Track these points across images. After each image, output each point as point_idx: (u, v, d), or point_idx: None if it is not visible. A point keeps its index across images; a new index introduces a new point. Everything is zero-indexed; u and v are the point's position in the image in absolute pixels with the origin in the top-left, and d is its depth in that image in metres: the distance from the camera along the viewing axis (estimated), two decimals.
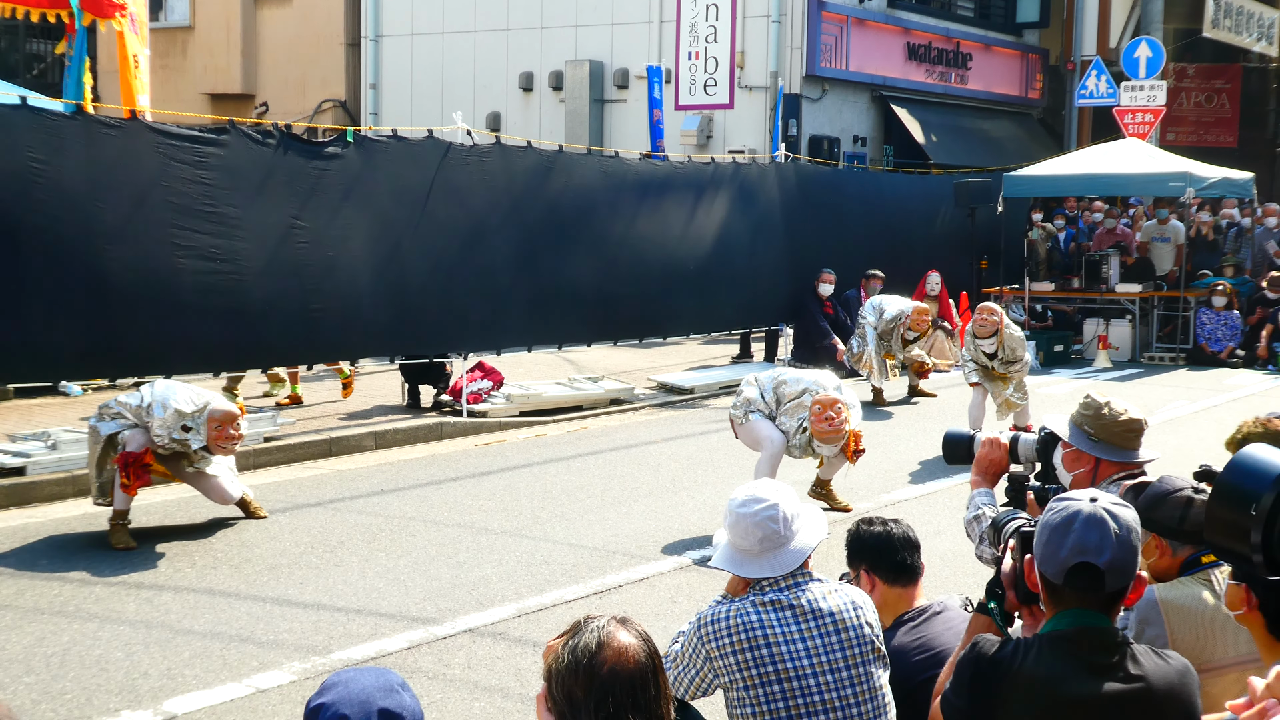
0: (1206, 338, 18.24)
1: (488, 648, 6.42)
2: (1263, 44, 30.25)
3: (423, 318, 12.24)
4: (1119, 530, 2.83)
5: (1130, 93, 22.28)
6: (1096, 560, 2.80)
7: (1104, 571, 2.80)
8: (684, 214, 15.20)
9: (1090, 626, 2.84)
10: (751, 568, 3.67)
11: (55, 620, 6.67)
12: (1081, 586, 2.83)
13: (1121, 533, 2.83)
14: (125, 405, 8.18)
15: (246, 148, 10.81)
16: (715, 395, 14.78)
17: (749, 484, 3.78)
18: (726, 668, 3.57)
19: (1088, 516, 2.84)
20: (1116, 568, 2.82)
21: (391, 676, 2.57)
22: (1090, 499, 2.88)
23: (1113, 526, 2.82)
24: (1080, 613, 2.85)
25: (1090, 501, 2.87)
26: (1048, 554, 2.87)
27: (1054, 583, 2.86)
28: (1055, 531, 2.86)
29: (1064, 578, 2.83)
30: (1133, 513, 2.91)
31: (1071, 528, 2.83)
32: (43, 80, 26.17)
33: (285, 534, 8.44)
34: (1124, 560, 2.83)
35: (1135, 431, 4.40)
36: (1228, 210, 21.28)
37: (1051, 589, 2.88)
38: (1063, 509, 2.88)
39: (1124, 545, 2.83)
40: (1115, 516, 2.84)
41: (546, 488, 9.95)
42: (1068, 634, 2.85)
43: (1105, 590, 2.83)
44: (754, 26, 21.96)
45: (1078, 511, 2.85)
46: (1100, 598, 2.84)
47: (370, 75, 25.67)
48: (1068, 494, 2.97)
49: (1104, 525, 2.82)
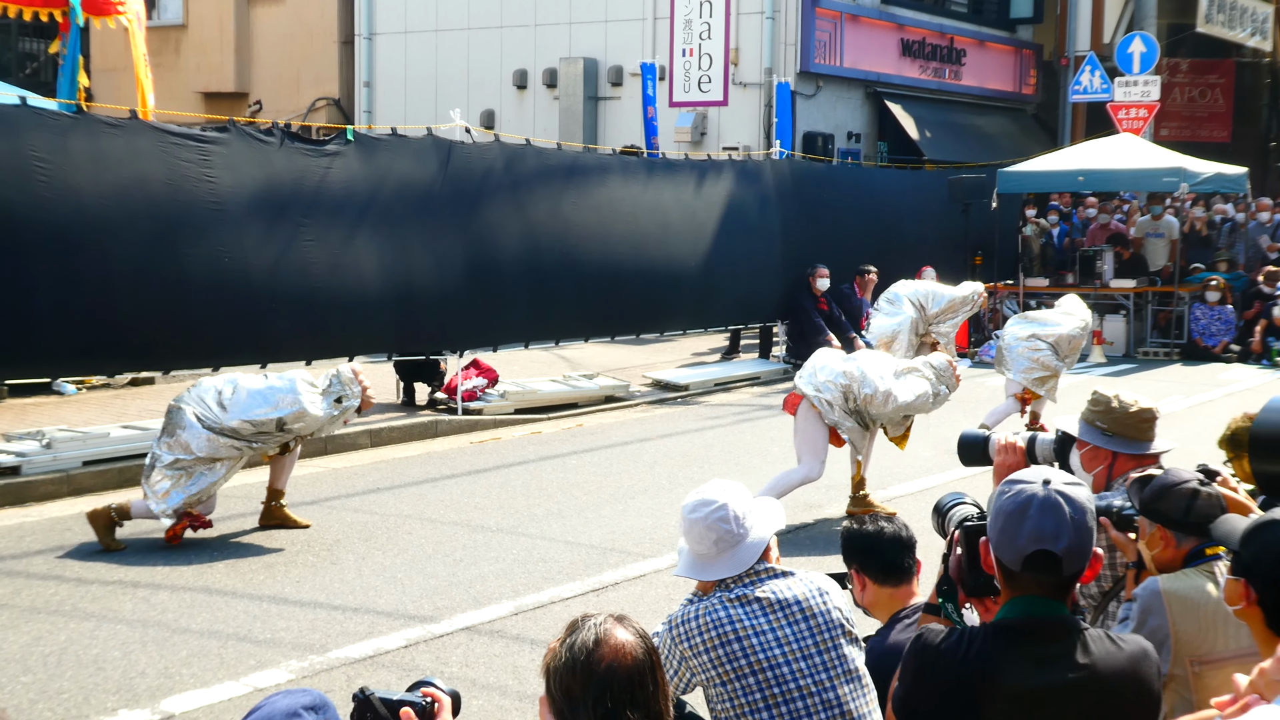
0: (1201, 332, 18.27)
1: (485, 645, 6.42)
2: (1256, 39, 30.27)
3: (422, 314, 12.24)
4: (1074, 514, 2.79)
5: (1124, 88, 22.30)
6: (1054, 547, 2.77)
7: (1061, 557, 2.77)
8: (679, 211, 15.21)
9: (1038, 616, 2.82)
10: (712, 570, 3.74)
11: (52, 619, 6.67)
12: (1039, 574, 2.80)
13: (1077, 516, 2.80)
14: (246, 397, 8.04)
15: (247, 146, 10.81)
16: (710, 392, 14.80)
17: (698, 489, 3.82)
18: (701, 666, 3.62)
19: (1042, 501, 2.80)
20: (1074, 552, 2.79)
21: (302, 698, 2.47)
22: (1043, 481, 2.84)
23: (1068, 510, 2.79)
24: (1031, 601, 2.82)
25: (1044, 485, 2.83)
26: (1004, 541, 2.82)
27: (1011, 569, 2.83)
28: (1011, 518, 2.81)
29: (1021, 565, 2.80)
30: (1086, 491, 2.88)
31: (1027, 514, 2.79)
32: (36, 79, 26.10)
33: (281, 532, 8.43)
34: (1080, 544, 2.80)
35: (1148, 421, 4.43)
36: (1221, 205, 21.31)
37: (1008, 575, 2.85)
38: (1016, 493, 2.83)
39: (1080, 528, 2.80)
40: (1070, 499, 2.81)
41: (542, 485, 9.96)
42: (1015, 623, 2.82)
43: (1063, 575, 2.80)
44: (748, 23, 21.95)
45: (1032, 496, 2.81)
46: (1057, 582, 2.82)
47: (364, 73, 25.64)
48: (1018, 476, 2.91)
49: (1059, 510, 2.79)
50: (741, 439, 12.08)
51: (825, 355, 8.89)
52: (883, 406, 8.49)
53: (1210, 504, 3.75)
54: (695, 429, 12.53)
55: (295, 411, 7.99)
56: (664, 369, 15.64)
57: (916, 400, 8.54)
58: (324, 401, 8.08)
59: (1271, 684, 2.45)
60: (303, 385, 8.07)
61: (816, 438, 8.58)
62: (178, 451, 7.91)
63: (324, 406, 8.07)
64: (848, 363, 8.66)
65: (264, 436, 8.06)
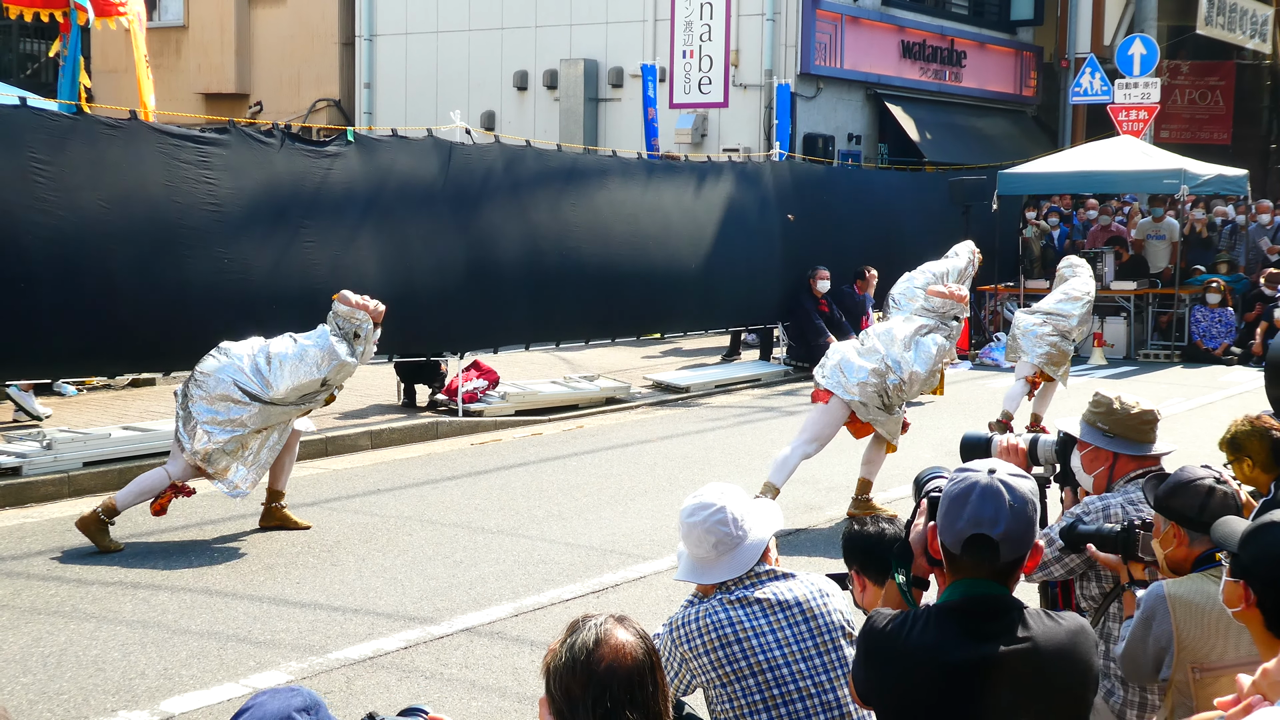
0: (1201, 335, 18.27)
1: (485, 647, 6.42)
2: (1256, 41, 30.27)
3: (423, 316, 12.23)
4: (1014, 502, 2.89)
5: (1124, 90, 22.29)
6: (991, 532, 2.87)
7: (998, 543, 2.87)
8: (681, 212, 15.21)
9: (979, 595, 2.91)
10: (712, 573, 3.74)
11: (52, 620, 6.67)
12: (977, 557, 2.89)
13: (1016, 504, 2.89)
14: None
15: (248, 147, 10.81)
16: (710, 394, 14.80)
17: (695, 492, 3.83)
18: (702, 668, 3.63)
19: (984, 488, 2.90)
20: (1011, 538, 2.88)
21: (294, 699, 2.47)
22: (989, 470, 2.95)
23: (1008, 498, 2.89)
24: (972, 582, 2.92)
25: (988, 474, 2.94)
26: (946, 524, 2.94)
27: (952, 552, 2.93)
28: (954, 502, 2.92)
29: (960, 548, 2.90)
30: (1031, 484, 2.97)
31: (968, 499, 2.90)
32: (36, 80, 26.10)
33: (282, 533, 8.43)
34: (1019, 531, 2.89)
35: (1149, 423, 4.45)
36: (1222, 208, 21.30)
37: (950, 558, 2.95)
38: (962, 479, 2.95)
39: (1019, 517, 2.89)
40: (1011, 488, 2.90)
41: (543, 487, 9.95)
42: (957, 604, 2.92)
43: (1000, 560, 2.89)
44: (748, 25, 21.95)
45: (975, 483, 2.92)
46: (995, 567, 2.91)
47: (364, 74, 25.64)
48: (968, 465, 3.04)
49: (999, 497, 2.88)
50: (742, 441, 12.08)
51: (843, 350, 9.07)
52: (911, 387, 8.85)
53: (1225, 503, 3.76)
54: (696, 431, 12.53)
55: (334, 366, 8.11)
56: (663, 371, 15.64)
57: (936, 358, 8.89)
58: (346, 346, 8.17)
59: (1274, 685, 2.45)
60: (331, 337, 8.15)
61: (830, 428, 8.93)
62: (233, 429, 8.00)
63: (349, 351, 8.17)
64: (868, 355, 8.84)
65: (309, 398, 8.25)
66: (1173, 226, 19.69)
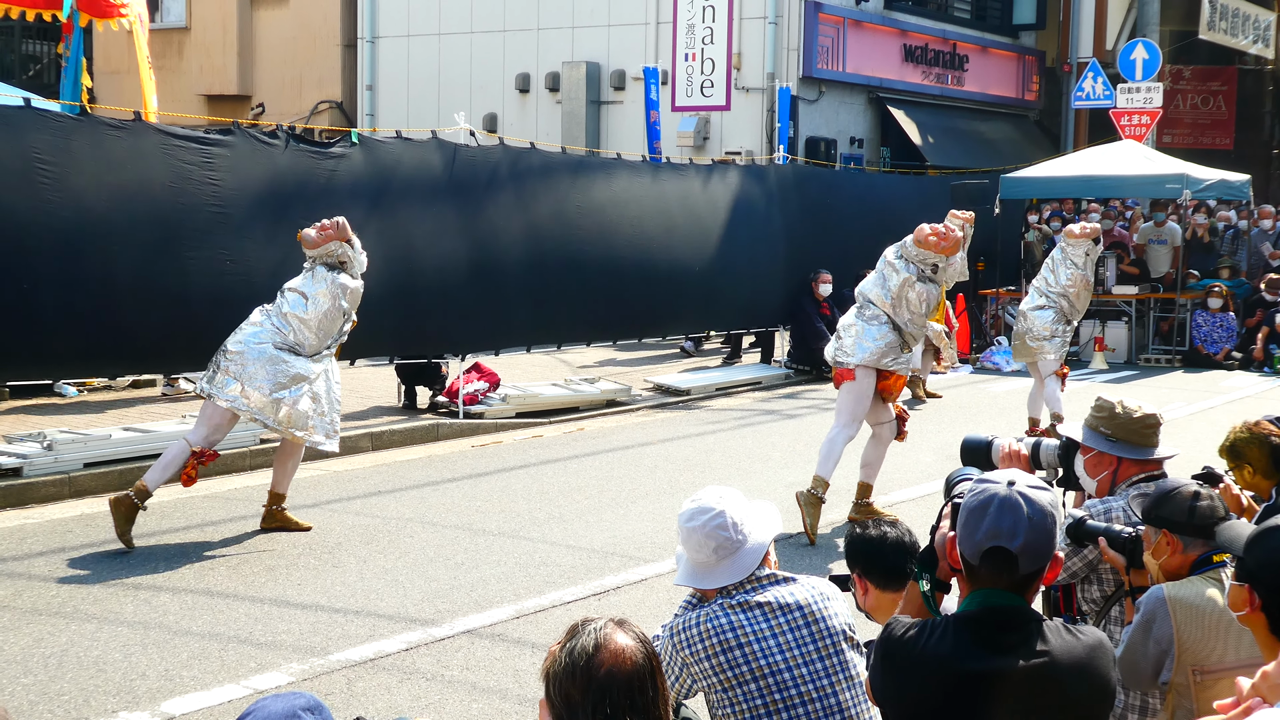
0: (1203, 340, 18.26)
1: (486, 649, 6.42)
2: (1259, 46, 30.27)
3: (425, 317, 12.24)
4: (1033, 514, 2.88)
5: (1126, 95, 22.29)
6: (1009, 544, 2.86)
7: (1017, 555, 2.86)
8: (683, 215, 15.22)
9: (997, 606, 2.90)
10: (712, 578, 3.73)
11: (53, 621, 6.67)
12: (995, 569, 2.89)
13: (1035, 516, 2.88)
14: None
15: (252, 148, 10.82)
16: (711, 397, 14.80)
17: (694, 496, 3.82)
18: (703, 672, 3.62)
19: (1003, 500, 2.89)
20: (1030, 551, 2.87)
21: (298, 700, 2.50)
22: (1008, 482, 2.93)
23: (1026, 511, 2.88)
24: (990, 593, 2.91)
25: (1008, 485, 2.92)
26: (965, 535, 2.93)
27: (971, 563, 2.93)
28: (973, 514, 2.91)
29: (979, 560, 2.90)
30: (1051, 495, 2.96)
31: (987, 511, 2.89)
32: (38, 81, 26.13)
33: (283, 535, 8.43)
34: (1038, 544, 2.88)
35: (1152, 427, 4.47)
36: (1224, 212, 21.30)
37: (969, 569, 2.95)
38: (981, 491, 2.94)
39: (1038, 529, 2.88)
40: (1030, 501, 2.89)
41: (544, 489, 9.96)
42: (975, 614, 2.91)
43: (1019, 573, 2.89)
44: (750, 28, 21.96)
45: (994, 495, 2.91)
46: (1014, 579, 2.90)
47: (366, 76, 25.65)
48: (988, 476, 3.02)
49: (1018, 509, 2.87)
50: (743, 443, 12.08)
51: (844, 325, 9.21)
52: (917, 309, 9.17)
53: (1212, 505, 3.79)
54: (696, 433, 12.53)
55: (349, 293, 8.35)
56: (664, 373, 15.65)
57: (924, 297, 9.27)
58: (338, 275, 8.32)
59: (1274, 687, 2.46)
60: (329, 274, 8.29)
61: (859, 404, 9.00)
62: (314, 387, 8.25)
63: (345, 278, 8.33)
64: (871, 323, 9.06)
65: (339, 334, 8.50)
66: (1175, 231, 19.68)
